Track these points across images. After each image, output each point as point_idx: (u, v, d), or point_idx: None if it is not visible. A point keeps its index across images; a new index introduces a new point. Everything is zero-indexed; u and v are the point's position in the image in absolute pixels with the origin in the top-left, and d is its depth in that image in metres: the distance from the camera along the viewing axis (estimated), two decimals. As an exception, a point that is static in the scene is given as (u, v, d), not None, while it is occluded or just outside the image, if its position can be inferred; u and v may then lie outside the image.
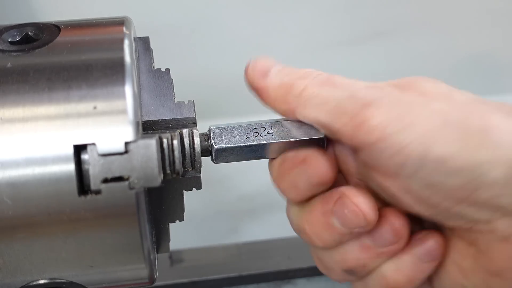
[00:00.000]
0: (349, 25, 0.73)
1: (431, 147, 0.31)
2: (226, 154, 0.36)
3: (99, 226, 0.31)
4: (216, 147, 0.36)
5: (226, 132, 0.36)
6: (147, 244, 0.32)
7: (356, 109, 0.33)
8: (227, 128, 0.36)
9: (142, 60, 0.37)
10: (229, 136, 0.36)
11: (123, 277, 0.34)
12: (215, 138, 0.36)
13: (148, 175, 0.30)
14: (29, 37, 0.34)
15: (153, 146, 0.30)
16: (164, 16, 0.69)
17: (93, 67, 0.31)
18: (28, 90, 0.30)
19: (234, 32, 0.72)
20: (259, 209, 0.74)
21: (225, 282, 0.61)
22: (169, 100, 0.36)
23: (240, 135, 0.36)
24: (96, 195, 0.30)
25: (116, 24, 0.35)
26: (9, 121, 0.29)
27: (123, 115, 0.30)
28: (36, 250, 0.31)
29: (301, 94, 0.35)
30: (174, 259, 0.63)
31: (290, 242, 0.65)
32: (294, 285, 0.63)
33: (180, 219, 0.37)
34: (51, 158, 0.29)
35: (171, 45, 0.70)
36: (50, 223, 0.30)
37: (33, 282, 0.32)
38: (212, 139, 0.36)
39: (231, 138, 0.36)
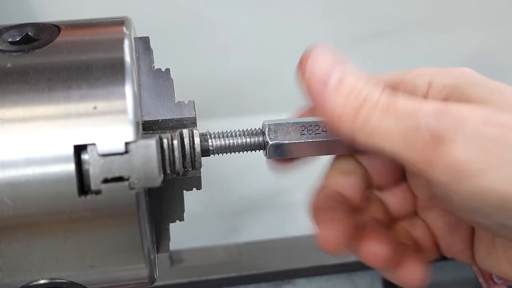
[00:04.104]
0: (349, 25, 0.73)
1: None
2: (280, 150, 0.36)
3: (99, 226, 0.31)
4: (271, 143, 0.36)
5: (281, 129, 0.36)
6: (147, 244, 0.32)
7: (427, 144, 0.29)
8: (282, 125, 0.36)
9: (142, 60, 0.37)
10: (284, 133, 0.36)
11: (123, 277, 0.34)
12: (270, 134, 0.36)
13: (148, 175, 0.30)
14: (29, 37, 0.34)
15: (153, 146, 0.30)
16: (164, 16, 0.69)
17: (93, 67, 0.31)
18: (28, 90, 0.30)
19: (234, 32, 0.72)
20: (259, 209, 0.74)
21: (225, 282, 0.61)
22: (169, 100, 0.36)
23: (295, 131, 0.36)
24: (96, 195, 0.30)
25: (116, 24, 0.35)
26: (9, 121, 0.29)
27: (123, 115, 0.30)
28: (36, 250, 0.31)
29: (363, 123, 0.31)
30: (174, 259, 0.63)
31: (290, 242, 0.66)
32: (294, 285, 0.63)
33: (180, 219, 0.37)
34: (51, 158, 0.29)
35: (171, 45, 0.70)
36: (50, 223, 0.30)
37: (33, 282, 0.32)
38: (267, 134, 0.36)
39: (286, 134, 0.36)
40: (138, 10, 0.65)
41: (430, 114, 0.30)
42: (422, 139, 0.29)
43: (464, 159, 0.29)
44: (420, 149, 0.30)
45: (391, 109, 0.31)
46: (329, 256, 0.63)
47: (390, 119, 0.30)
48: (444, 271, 0.65)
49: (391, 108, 0.31)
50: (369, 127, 0.31)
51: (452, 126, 0.29)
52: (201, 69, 0.73)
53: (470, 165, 0.28)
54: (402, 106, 0.31)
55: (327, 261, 0.63)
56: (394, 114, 0.30)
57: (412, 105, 0.30)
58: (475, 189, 0.29)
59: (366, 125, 0.31)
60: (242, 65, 0.74)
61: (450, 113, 0.29)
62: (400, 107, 0.30)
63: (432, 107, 0.30)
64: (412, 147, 0.30)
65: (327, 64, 0.33)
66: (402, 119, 0.30)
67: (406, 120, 0.30)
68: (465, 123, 0.29)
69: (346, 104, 0.32)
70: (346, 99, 0.32)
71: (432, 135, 0.29)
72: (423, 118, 0.30)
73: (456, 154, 0.29)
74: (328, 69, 0.32)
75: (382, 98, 0.31)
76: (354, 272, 0.63)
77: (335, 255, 0.37)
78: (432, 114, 0.30)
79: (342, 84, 0.32)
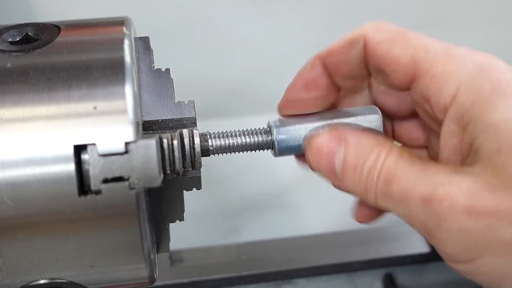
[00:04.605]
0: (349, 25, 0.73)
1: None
2: (289, 148, 0.38)
3: (99, 226, 0.31)
4: (279, 139, 0.37)
5: (288, 126, 0.38)
6: (147, 244, 0.32)
7: (422, 232, 0.32)
8: (289, 121, 0.38)
9: (142, 60, 0.37)
10: (291, 130, 0.38)
11: (123, 277, 0.34)
12: (278, 132, 0.37)
13: (148, 175, 0.30)
14: (29, 37, 0.34)
15: (153, 146, 0.30)
16: (164, 16, 0.69)
17: (93, 67, 0.31)
18: (28, 90, 0.30)
19: (234, 32, 0.72)
20: (259, 209, 0.74)
21: (225, 282, 0.61)
22: (169, 100, 0.36)
23: (304, 129, 0.38)
24: (96, 195, 0.30)
25: (116, 24, 0.35)
26: (9, 121, 0.29)
27: (123, 115, 0.30)
28: (36, 250, 0.31)
29: (374, 197, 0.34)
30: (174, 259, 0.63)
31: (290, 242, 0.66)
32: (294, 285, 0.63)
33: (180, 219, 0.37)
34: (51, 158, 0.29)
35: (171, 45, 0.70)
36: (50, 223, 0.30)
37: (33, 282, 0.32)
38: (275, 133, 0.37)
39: (293, 132, 0.38)
40: (138, 10, 0.65)
41: (419, 204, 0.31)
42: (417, 227, 0.32)
43: (453, 253, 0.31)
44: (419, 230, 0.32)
45: (388, 191, 0.32)
46: (329, 256, 0.63)
47: (389, 202, 0.33)
48: (443, 271, 0.65)
49: (389, 191, 0.32)
50: (379, 199, 0.33)
51: (436, 223, 0.31)
52: (201, 69, 0.73)
53: (460, 256, 0.31)
54: (397, 189, 0.32)
55: (327, 261, 0.63)
56: (391, 199, 0.33)
57: (406, 185, 0.32)
58: (469, 272, 0.31)
59: (377, 198, 0.33)
60: (242, 65, 0.74)
61: (435, 205, 0.30)
62: (396, 190, 0.32)
63: (420, 193, 0.31)
64: (423, 226, 0.32)
65: (326, 154, 0.35)
66: (398, 205, 0.32)
67: (401, 207, 0.32)
68: (447, 218, 0.30)
69: (354, 183, 0.34)
70: (353, 179, 0.34)
71: (423, 229, 0.32)
72: (414, 207, 0.31)
73: (446, 250, 0.31)
74: (329, 159, 0.35)
75: (383, 172, 0.33)
76: (354, 272, 0.63)
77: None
78: (420, 204, 0.31)
79: (346, 165, 0.34)
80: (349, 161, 0.34)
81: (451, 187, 0.30)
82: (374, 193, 0.33)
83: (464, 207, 0.30)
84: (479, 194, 0.30)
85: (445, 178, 0.31)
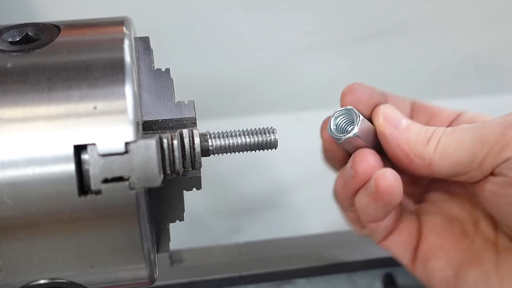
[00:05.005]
0: (349, 25, 0.73)
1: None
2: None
3: (99, 226, 0.31)
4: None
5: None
6: (147, 244, 0.32)
7: (494, 145, 0.37)
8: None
9: (142, 60, 0.37)
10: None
11: (123, 277, 0.34)
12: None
13: (148, 175, 0.30)
14: (29, 37, 0.34)
15: (153, 146, 0.30)
16: (164, 16, 0.69)
17: (93, 67, 0.31)
18: (28, 90, 0.30)
19: (234, 32, 0.72)
20: (259, 209, 0.74)
21: (225, 282, 0.61)
22: (169, 100, 0.36)
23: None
24: (96, 195, 0.30)
25: (116, 24, 0.35)
26: (9, 121, 0.29)
27: (123, 115, 0.30)
28: (36, 250, 0.31)
29: (436, 145, 0.39)
30: (174, 259, 0.63)
31: (290, 242, 0.65)
32: (294, 285, 0.62)
33: (180, 219, 0.37)
34: (51, 158, 0.29)
35: (171, 45, 0.70)
36: (50, 223, 0.30)
37: (33, 282, 0.32)
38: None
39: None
40: (138, 10, 0.65)
41: (494, 126, 0.37)
42: (493, 133, 0.37)
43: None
44: (486, 152, 0.37)
45: (456, 130, 0.39)
46: (329, 256, 0.63)
47: (458, 133, 0.38)
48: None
49: (456, 130, 0.39)
50: (441, 145, 0.38)
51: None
52: (201, 69, 0.73)
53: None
54: (466, 126, 0.38)
55: (327, 261, 0.63)
56: (461, 130, 0.38)
57: (476, 123, 0.39)
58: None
59: (438, 145, 0.39)
60: (242, 65, 0.74)
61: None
62: (465, 127, 0.38)
63: (497, 121, 0.38)
64: (485, 143, 0.37)
65: (397, 114, 0.41)
66: (468, 131, 0.38)
67: (473, 130, 0.38)
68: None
69: (417, 137, 0.40)
70: (417, 134, 0.40)
71: (497, 142, 0.36)
72: (489, 128, 0.37)
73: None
74: (399, 116, 0.41)
75: (448, 129, 0.39)
76: (354, 272, 0.63)
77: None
78: (496, 125, 0.37)
79: (410, 127, 0.40)
80: (413, 124, 0.41)
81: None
82: (438, 136, 0.39)
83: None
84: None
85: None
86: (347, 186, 0.42)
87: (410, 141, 0.40)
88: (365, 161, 0.39)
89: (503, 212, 0.38)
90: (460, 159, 0.38)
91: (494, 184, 0.38)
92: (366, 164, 0.39)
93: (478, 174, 0.38)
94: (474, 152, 0.37)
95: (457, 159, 0.38)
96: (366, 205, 0.40)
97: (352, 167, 0.40)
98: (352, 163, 0.40)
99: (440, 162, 0.39)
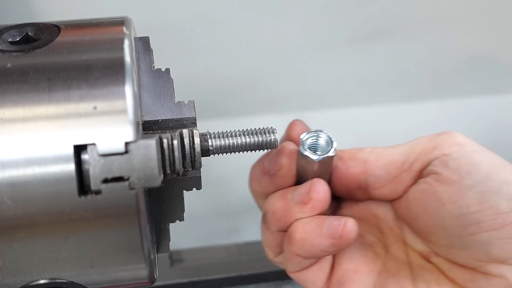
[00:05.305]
0: (349, 25, 0.73)
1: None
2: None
3: (99, 226, 0.31)
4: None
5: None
6: (147, 244, 0.32)
7: (429, 139, 0.40)
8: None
9: (142, 60, 0.37)
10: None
11: (123, 277, 0.34)
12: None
13: (148, 175, 0.30)
14: (29, 37, 0.34)
15: (153, 146, 0.30)
16: (164, 16, 0.69)
17: (93, 67, 0.31)
18: (28, 90, 0.30)
19: (234, 32, 0.72)
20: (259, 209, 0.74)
21: (225, 282, 0.61)
22: (169, 100, 0.36)
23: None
24: (96, 195, 0.30)
25: (116, 24, 0.35)
26: (9, 121, 0.29)
27: (123, 115, 0.30)
28: (36, 250, 0.31)
29: (372, 150, 0.42)
30: (174, 259, 0.63)
31: (290, 242, 0.65)
32: (294, 285, 0.62)
33: (180, 219, 0.37)
34: (51, 158, 0.29)
35: (171, 45, 0.70)
36: (50, 223, 0.30)
37: (33, 282, 0.32)
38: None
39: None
40: (138, 10, 0.65)
41: (426, 136, 0.42)
42: (423, 142, 0.42)
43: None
44: (419, 152, 0.41)
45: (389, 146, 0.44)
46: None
47: (391, 146, 0.43)
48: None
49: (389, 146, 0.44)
50: (376, 150, 0.43)
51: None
52: (201, 69, 0.73)
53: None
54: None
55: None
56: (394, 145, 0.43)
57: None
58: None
59: (373, 150, 0.43)
60: (242, 65, 0.74)
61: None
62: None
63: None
64: (413, 152, 0.41)
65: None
66: (401, 144, 0.43)
67: (406, 142, 0.43)
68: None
69: (353, 149, 0.43)
70: (352, 148, 0.43)
71: (428, 143, 0.41)
72: (421, 137, 0.42)
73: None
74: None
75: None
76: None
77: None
78: (427, 135, 0.42)
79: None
80: None
81: None
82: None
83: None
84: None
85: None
86: (286, 209, 0.41)
87: (346, 151, 0.43)
88: (324, 190, 0.40)
89: (429, 213, 0.39)
90: (394, 159, 0.40)
91: (424, 183, 0.39)
92: (324, 193, 0.40)
93: (408, 176, 0.40)
94: (407, 153, 0.40)
95: (391, 158, 0.41)
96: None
97: (309, 194, 0.40)
98: (310, 190, 0.40)
99: (374, 162, 0.41)
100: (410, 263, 0.43)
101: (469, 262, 0.39)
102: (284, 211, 0.41)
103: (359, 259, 0.43)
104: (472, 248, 0.38)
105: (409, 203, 0.41)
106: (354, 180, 0.42)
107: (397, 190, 0.41)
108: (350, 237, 0.39)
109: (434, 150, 0.39)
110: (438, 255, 0.42)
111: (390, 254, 0.44)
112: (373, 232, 0.45)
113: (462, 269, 0.40)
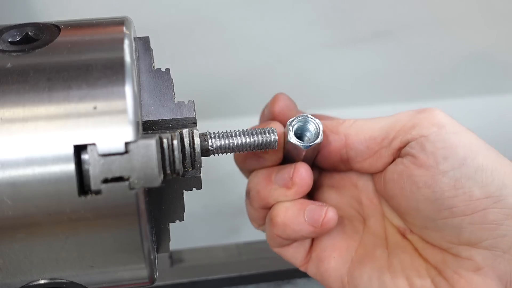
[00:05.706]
0: (348, 25, 0.73)
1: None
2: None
3: (99, 226, 0.31)
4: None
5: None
6: (147, 244, 0.32)
7: (409, 115, 0.40)
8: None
9: (142, 60, 0.37)
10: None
11: (123, 277, 0.34)
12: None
13: (148, 175, 0.30)
14: (29, 37, 0.34)
15: (153, 146, 0.30)
16: (164, 16, 0.69)
17: (93, 67, 0.31)
18: (28, 90, 0.30)
19: (234, 32, 0.72)
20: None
21: (225, 282, 0.61)
22: (169, 100, 0.36)
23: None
24: (96, 195, 0.30)
25: (116, 24, 0.35)
26: (9, 121, 0.29)
27: (123, 115, 0.30)
28: (36, 250, 0.31)
29: (353, 124, 0.42)
30: (174, 259, 0.63)
31: (290, 242, 0.65)
32: (294, 285, 0.62)
33: (180, 219, 0.37)
34: (51, 158, 0.29)
35: (171, 45, 0.70)
36: (50, 223, 0.30)
37: (33, 282, 0.32)
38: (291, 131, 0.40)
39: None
40: (138, 10, 0.65)
41: (407, 111, 0.42)
42: (403, 119, 0.41)
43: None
44: (399, 129, 0.41)
45: (371, 118, 0.44)
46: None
47: (373, 119, 0.43)
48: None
49: (370, 118, 0.44)
50: (356, 124, 0.43)
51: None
52: (201, 69, 0.73)
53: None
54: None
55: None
56: (375, 118, 0.43)
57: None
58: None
59: (354, 123, 0.43)
60: (242, 65, 0.74)
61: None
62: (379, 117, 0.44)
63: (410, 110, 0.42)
64: (393, 130, 0.41)
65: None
66: (382, 117, 0.43)
67: (387, 116, 0.42)
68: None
69: (334, 120, 0.44)
70: (333, 119, 0.44)
71: (408, 121, 0.41)
72: (402, 113, 0.42)
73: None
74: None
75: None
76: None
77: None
78: (409, 111, 0.42)
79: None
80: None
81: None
82: None
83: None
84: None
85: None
86: (269, 190, 0.42)
87: (328, 124, 0.42)
88: (308, 176, 0.41)
89: (405, 194, 0.40)
90: (374, 134, 0.41)
91: (401, 165, 0.40)
92: (307, 179, 0.41)
93: (387, 153, 0.41)
94: (387, 130, 0.40)
95: (371, 134, 0.41)
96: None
97: (293, 179, 0.41)
98: (294, 175, 0.41)
99: (354, 137, 0.41)
100: (386, 238, 0.44)
101: (441, 243, 0.40)
102: (268, 192, 0.42)
103: (339, 234, 0.44)
104: (444, 230, 0.39)
105: (386, 183, 0.41)
106: (335, 154, 0.43)
107: (377, 164, 0.42)
108: (331, 225, 0.41)
109: (412, 130, 0.39)
110: (413, 233, 0.42)
111: (368, 229, 0.45)
112: (352, 204, 0.46)
113: (435, 249, 0.41)
